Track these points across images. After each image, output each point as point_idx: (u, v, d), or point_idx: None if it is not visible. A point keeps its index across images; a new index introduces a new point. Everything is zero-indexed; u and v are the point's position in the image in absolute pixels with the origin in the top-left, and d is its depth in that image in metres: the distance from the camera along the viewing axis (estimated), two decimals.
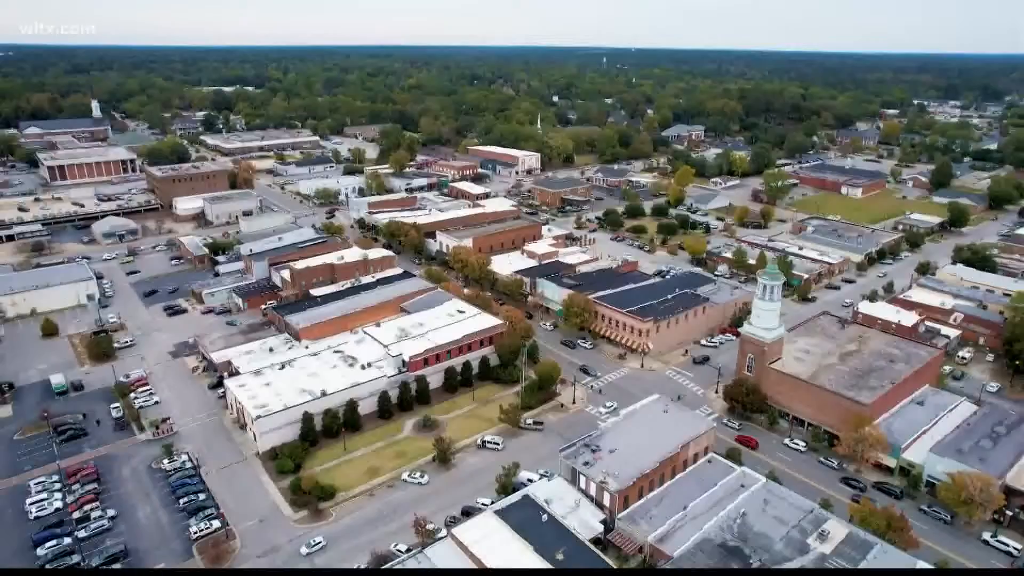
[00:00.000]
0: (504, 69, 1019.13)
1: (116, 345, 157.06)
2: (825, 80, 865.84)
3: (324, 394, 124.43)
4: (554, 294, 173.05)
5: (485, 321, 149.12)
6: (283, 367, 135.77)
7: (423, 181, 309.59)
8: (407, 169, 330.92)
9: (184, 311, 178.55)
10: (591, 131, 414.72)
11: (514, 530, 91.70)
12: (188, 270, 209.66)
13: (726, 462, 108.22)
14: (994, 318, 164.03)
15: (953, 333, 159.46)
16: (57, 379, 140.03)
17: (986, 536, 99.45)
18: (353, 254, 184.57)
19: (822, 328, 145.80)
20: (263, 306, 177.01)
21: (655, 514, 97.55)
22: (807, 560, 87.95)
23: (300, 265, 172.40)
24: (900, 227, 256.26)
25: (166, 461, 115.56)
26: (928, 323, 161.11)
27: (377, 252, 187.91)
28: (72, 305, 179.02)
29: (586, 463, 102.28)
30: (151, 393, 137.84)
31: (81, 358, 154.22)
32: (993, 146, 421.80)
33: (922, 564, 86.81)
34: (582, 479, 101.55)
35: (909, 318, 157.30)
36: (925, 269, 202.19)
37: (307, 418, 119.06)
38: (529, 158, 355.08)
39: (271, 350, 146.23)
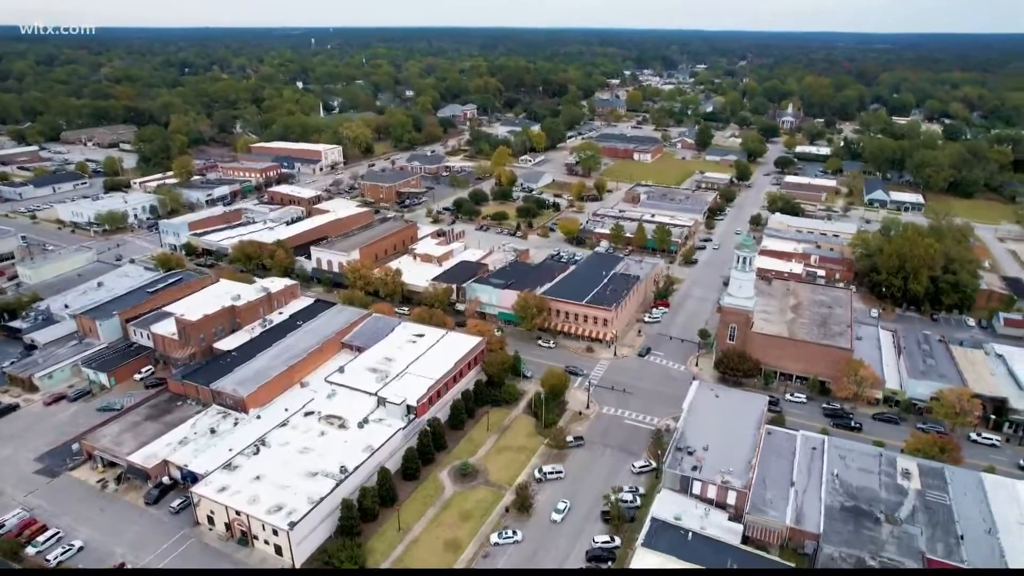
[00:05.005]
0: (209, 54, 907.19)
1: None
2: (532, 55, 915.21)
3: (345, 471, 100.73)
4: (491, 297, 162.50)
5: (463, 341, 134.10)
6: (257, 451, 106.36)
7: (226, 189, 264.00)
8: (194, 177, 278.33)
9: (14, 408, 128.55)
10: (377, 118, 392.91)
11: (677, 557, 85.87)
12: None
13: (782, 430, 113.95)
14: (836, 255, 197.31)
15: (821, 273, 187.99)
16: None
17: (973, 436, 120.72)
18: (247, 291, 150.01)
19: (757, 287, 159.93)
20: (139, 376, 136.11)
21: (771, 498, 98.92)
22: (912, 499, 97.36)
23: (194, 315, 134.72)
24: (703, 185, 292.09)
25: None
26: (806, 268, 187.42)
27: (278, 283, 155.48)
28: None
29: (694, 467, 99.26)
30: (60, 537, 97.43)
31: None
32: (710, 108, 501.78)
33: (983, 475, 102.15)
34: (696, 485, 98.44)
35: (798, 267, 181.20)
36: (757, 221, 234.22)
37: (347, 506, 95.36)
38: (331, 151, 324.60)
39: (213, 431, 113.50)
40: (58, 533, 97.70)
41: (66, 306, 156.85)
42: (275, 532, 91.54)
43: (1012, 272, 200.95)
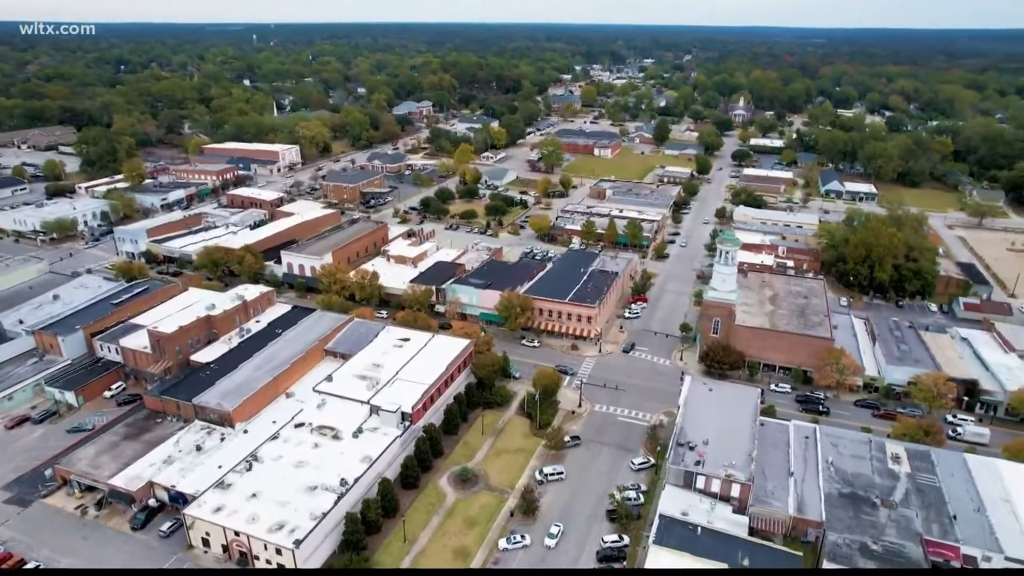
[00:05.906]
0: (146, 51, 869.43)
1: None
2: (481, 51, 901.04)
3: (346, 483, 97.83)
4: (472, 298, 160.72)
5: (452, 344, 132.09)
6: (250, 467, 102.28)
7: (181, 193, 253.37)
8: (146, 181, 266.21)
9: None
10: (333, 116, 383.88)
11: (690, 553, 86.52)
12: None
13: (774, 421, 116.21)
14: (802, 246, 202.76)
15: (790, 264, 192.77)
16: None
17: (948, 417, 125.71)
18: (221, 299, 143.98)
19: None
20: (110, 394, 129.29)
21: (772, 489, 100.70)
22: (904, 482, 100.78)
23: (169, 327, 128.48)
24: (665, 180, 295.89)
25: None
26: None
27: (252, 290, 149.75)
28: None
29: (697, 463, 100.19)
30: (41, 569, 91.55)
31: None
32: (663, 103, 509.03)
33: (966, 456, 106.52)
34: (700, 480, 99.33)
35: (768, 258, 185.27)
36: (723, 214, 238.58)
37: (352, 520, 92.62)
38: (289, 151, 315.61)
39: (199, 449, 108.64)
40: (39, 566, 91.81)
41: (20, 321, 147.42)
42: (279, 551, 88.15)
43: (963, 258, 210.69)
